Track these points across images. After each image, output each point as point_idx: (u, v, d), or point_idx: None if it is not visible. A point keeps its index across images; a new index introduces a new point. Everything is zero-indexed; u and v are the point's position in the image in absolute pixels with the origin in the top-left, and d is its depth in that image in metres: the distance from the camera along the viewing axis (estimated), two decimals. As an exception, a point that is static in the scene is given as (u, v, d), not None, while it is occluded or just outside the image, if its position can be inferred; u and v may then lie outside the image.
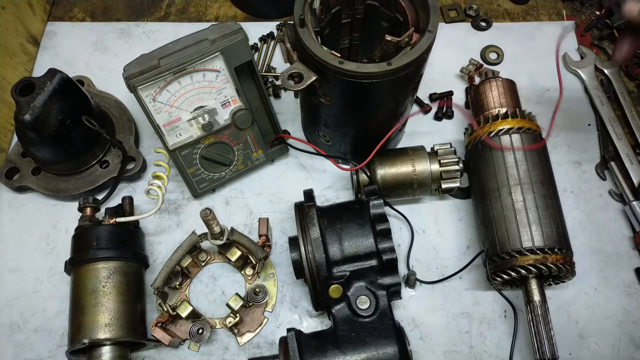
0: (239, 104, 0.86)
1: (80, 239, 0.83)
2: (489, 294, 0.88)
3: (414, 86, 0.83)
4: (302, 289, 0.89)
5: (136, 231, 0.88)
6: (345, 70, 0.71)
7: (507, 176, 0.82)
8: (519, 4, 1.18)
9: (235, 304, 0.81)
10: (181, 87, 0.80)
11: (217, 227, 0.80)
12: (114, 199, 0.94)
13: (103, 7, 1.19)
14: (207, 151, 0.89)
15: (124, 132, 0.98)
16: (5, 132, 1.00)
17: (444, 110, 1.04)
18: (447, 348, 0.85)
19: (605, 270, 0.91)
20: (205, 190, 0.94)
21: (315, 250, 0.75)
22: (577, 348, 0.85)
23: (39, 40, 1.13)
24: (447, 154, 0.89)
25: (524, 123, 0.86)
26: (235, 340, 0.85)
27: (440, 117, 1.04)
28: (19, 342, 0.85)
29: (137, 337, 0.79)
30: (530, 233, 0.78)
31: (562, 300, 0.88)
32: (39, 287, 0.90)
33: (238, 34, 0.79)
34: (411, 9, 0.80)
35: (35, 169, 0.96)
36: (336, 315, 0.75)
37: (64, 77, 0.85)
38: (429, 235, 0.94)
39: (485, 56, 1.11)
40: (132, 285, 0.82)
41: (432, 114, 1.05)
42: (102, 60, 1.11)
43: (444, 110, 1.04)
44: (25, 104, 0.81)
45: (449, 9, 1.16)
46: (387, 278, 0.77)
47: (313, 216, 0.77)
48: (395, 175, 0.88)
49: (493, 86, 0.92)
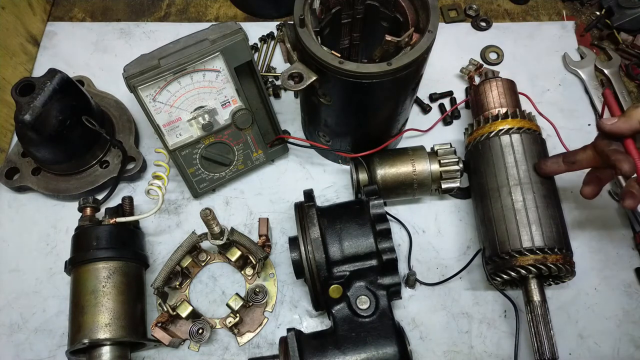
0: (239, 104, 0.86)
1: (80, 239, 0.83)
2: (489, 294, 0.88)
3: (414, 86, 0.83)
4: (302, 289, 0.89)
5: (136, 231, 0.88)
6: (345, 70, 0.71)
7: (507, 176, 0.82)
8: (519, 4, 1.18)
9: (235, 304, 0.81)
10: (181, 87, 0.80)
11: (217, 227, 0.80)
12: (114, 199, 0.94)
13: (103, 7, 1.19)
14: (207, 151, 0.89)
15: (124, 132, 0.98)
16: (5, 132, 1.00)
17: (452, 114, 1.04)
18: (447, 348, 0.85)
19: (605, 270, 0.91)
20: (205, 190, 0.94)
21: (315, 250, 0.75)
22: (577, 348, 0.85)
23: (39, 40, 1.13)
24: (447, 154, 0.89)
25: (524, 123, 0.86)
26: (235, 340, 0.86)
27: (450, 121, 1.04)
28: (19, 342, 0.85)
29: (137, 337, 0.79)
30: (530, 233, 0.78)
31: (562, 300, 0.88)
32: (39, 287, 0.90)
33: (238, 34, 0.79)
34: (411, 9, 0.80)
35: (35, 169, 0.96)
36: (336, 315, 0.75)
37: (64, 77, 0.85)
38: (429, 235, 0.94)
39: (485, 56, 1.11)
40: (132, 285, 0.82)
41: (435, 117, 1.05)
42: (102, 60, 1.11)
43: (452, 114, 1.04)
44: (25, 104, 0.81)
45: (449, 9, 1.17)
46: (387, 278, 0.77)
47: (313, 216, 0.77)
48: (395, 175, 0.88)
49: (493, 86, 0.92)
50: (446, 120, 1.04)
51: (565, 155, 0.80)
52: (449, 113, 1.03)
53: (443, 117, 1.03)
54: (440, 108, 1.06)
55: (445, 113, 1.04)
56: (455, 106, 1.04)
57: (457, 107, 1.04)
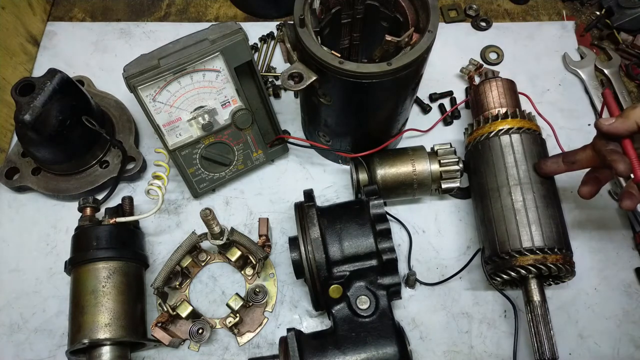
0: (239, 104, 0.86)
1: (80, 239, 0.83)
2: (489, 294, 0.88)
3: (414, 86, 0.83)
4: (302, 289, 0.89)
5: (136, 231, 0.88)
6: (345, 70, 0.71)
7: (507, 176, 0.82)
8: (519, 4, 1.18)
9: (235, 304, 0.81)
10: (181, 87, 0.80)
11: (217, 227, 0.80)
12: (114, 199, 0.94)
13: (103, 7, 1.19)
14: (207, 151, 0.89)
15: (124, 132, 0.98)
16: (5, 132, 1.00)
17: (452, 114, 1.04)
18: (447, 348, 0.85)
19: (605, 270, 0.91)
20: (205, 190, 0.94)
21: (315, 250, 0.75)
22: (577, 348, 0.85)
23: (39, 40, 1.13)
24: (447, 154, 0.89)
25: (524, 123, 0.86)
26: (235, 340, 0.86)
27: (450, 122, 1.04)
28: (19, 342, 0.85)
29: (137, 337, 0.79)
30: (530, 233, 0.78)
31: (562, 300, 0.88)
32: (39, 287, 0.90)
33: (238, 34, 0.79)
34: (411, 9, 0.80)
35: (35, 169, 0.95)
36: (336, 315, 0.75)
37: (64, 77, 0.85)
38: (429, 235, 0.94)
39: (485, 56, 1.11)
40: (132, 285, 0.82)
41: (435, 117, 1.05)
42: (102, 60, 1.11)
43: (452, 114, 1.04)
44: (25, 104, 0.81)
45: (449, 9, 1.17)
46: (387, 278, 0.77)
47: (313, 216, 0.77)
48: (395, 175, 0.88)
49: (493, 86, 0.92)
50: (446, 120, 1.04)
51: (565, 155, 0.80)
52: (449, 113, 1.03)
53: (443, 118, 1.03)
54: (440, 108, 1.06)
55: (445, 113, 1.04)
56: (455, 106, 1.04)
57: (457, 107, 1.04)
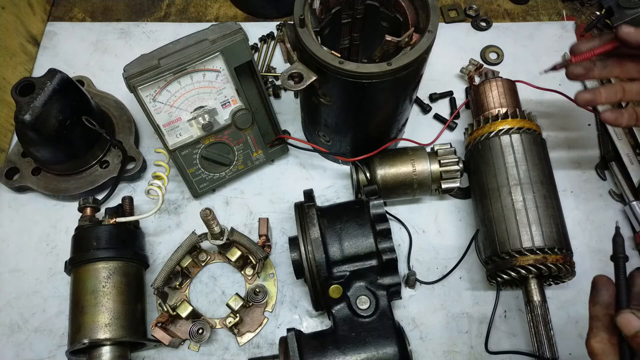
0: (239, 104, 0.86)
1: (80, 239, 0.83)
2: (489, 294, 0.88)
3: (414, 86, 0.83)
4: (302, 289, 0.89)
5: (136, 231, 0.88)
6: (345, 70, 0.71)
7: (507, 176, 0.82)
8: (519, 4, 1.18)
9: (235, 304, 0.81)
10: (181, 87, 0.80)
11: (217, 227, 0.80)
12: (114, 199, 0.94)
13: (103, 7, 1.19)
14: (207, 151, 0.89)
15: (124, 132, 0.98)
16: (5, 132, 1.00)
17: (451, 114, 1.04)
18: (447, 348, 0.85)
19: (605, 270, 0.89)
20: (205, 190, 0.94)
21: (315, 250, 0.75)
22: (577, 348, 0.85)
23: (39, 40, 1.13)
24: (447, 154, 0.89)
25: (524, 123, 0.86)
26: (235, 340, 0.86)
27: (453, 127, 1.03)
28: (19, 342, 0.85)
29: (137, 337, 0.79)
30: (530, 233, 0.78)
31: (562, 300, 0.88)
32: (39, 287, 0.90)
33: (238, 34, 0.79)
34: (411, 9, 0.80)
35: (35, 169, 0.95)
36: (336, 315, 0.75)
37: (64, 77, 0.85)
38: (429, 235, 0.94)
39: (485, 56, 1.11)
40: (132, 285, 0.82)
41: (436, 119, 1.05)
42: (102, 60, 1.11)
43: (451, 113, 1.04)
44: (25, 104, 0.81)
45: (449, 9, 1.16)
46: (387, 278, 0.77)
47: (313, 216, 0.77)
48: (395, 175, 0.88)
49: (493, 86, 0.92)
50: (451, 127, 1.03)
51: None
52: (450, 122, 1.02)
53: (446, 126, 1.00)
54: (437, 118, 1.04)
55: (447, 123, 1.01)
56: (456, 111, 1.03)
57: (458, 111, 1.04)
